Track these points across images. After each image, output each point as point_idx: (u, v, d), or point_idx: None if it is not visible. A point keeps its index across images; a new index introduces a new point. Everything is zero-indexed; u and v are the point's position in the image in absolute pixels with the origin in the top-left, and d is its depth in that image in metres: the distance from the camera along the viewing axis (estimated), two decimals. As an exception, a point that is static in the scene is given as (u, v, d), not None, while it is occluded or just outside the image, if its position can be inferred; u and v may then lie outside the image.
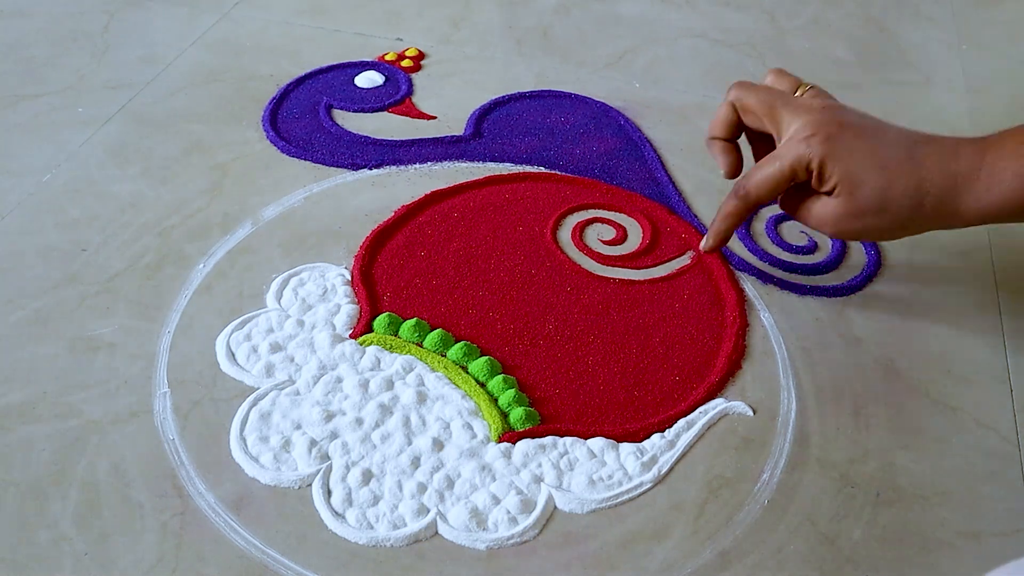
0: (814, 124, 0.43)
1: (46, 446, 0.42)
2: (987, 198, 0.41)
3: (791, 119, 0.44)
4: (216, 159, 0.59)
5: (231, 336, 0.47)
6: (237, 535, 0.39)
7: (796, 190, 0.45)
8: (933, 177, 0.41)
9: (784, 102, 0.44)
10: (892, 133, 0.43)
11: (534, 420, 0.43)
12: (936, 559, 0.39)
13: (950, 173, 0.41)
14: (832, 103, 0.45)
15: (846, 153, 0.42)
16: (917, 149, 0.42)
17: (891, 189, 0.42)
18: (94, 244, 0.52)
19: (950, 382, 0.46)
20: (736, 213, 0.47)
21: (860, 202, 0.42)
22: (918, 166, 0.41)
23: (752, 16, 0.77)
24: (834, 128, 0.42)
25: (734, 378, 0.46)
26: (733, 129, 0.47)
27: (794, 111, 0.44)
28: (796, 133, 0.43)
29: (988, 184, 0.41)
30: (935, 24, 0.77)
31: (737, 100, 0.46)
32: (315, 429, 0.43)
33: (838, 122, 0.43)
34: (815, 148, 0.42)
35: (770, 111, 0.45)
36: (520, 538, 0.39)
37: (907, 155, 0.42)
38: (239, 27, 0.73)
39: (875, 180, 0.42)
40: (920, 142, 0.42)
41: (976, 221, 0.42)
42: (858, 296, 0.51)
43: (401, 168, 0.59)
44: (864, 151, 0.42)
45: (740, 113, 0.47)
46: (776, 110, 0.44)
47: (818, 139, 0.42)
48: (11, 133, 0.61)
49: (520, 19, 0.76)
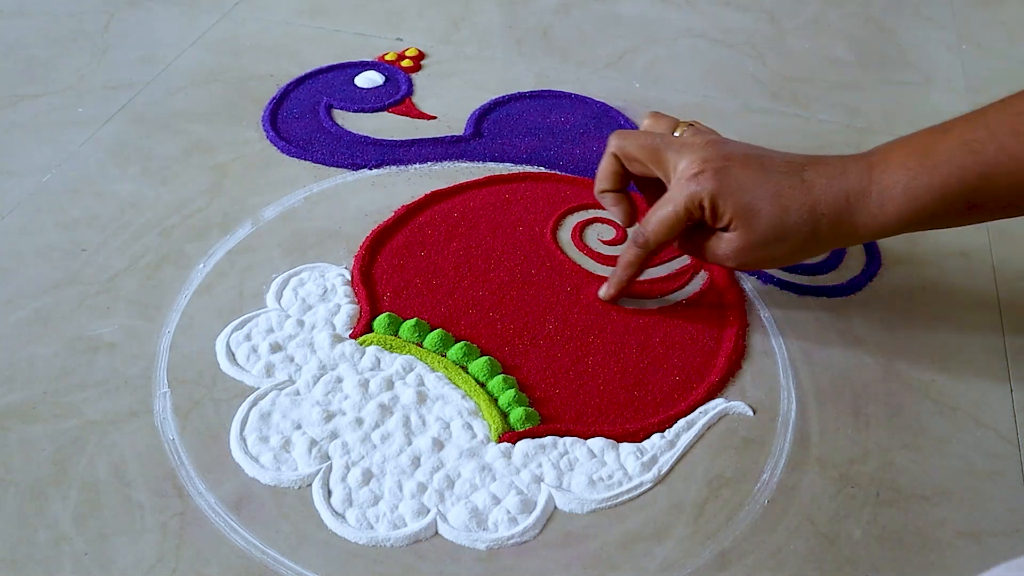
0: (700, 161, 0.43)
1: (46, 446, 0.42)
2: (881, 214, 0.41)
3: (676, 159, 0.44)
4: (216, 159, 0.59)
5: (231, 336, 0.47)
6: (237, 535, 0.39)
7: (693, 230, 0.45)
8: (826, 199, 0.41)
9: (666, 144, 0.44)
10: (779, 160, 0.43)
11: (534, 420, 0.43)
12: (936, 559, 0.39)
13: (841, 193, 0.41)
14: (714, 138, 0.45)
15: (736, 186, 0.42)
16: (806, 173, 0.42)
17: (786, 217, 0.42)
18: (94, 244, 0.52)
19: (950, 382, 0.46)
20: (637, 262, 0.47)
21: (758, 233, 0.42)
22: (809, 190, 0.42)
23: (752, 16, 0.77)
24: (720, 162, 0.42)
25: (734, 378, 0.46)
26: (619, 180, 0.47)
27: (678, 151, 0.44)
28: (683, 172, 0.43)
29: (880, 201, 0.41)
30: (935, 24, 0.77)
31: (618, 149, 0.46)
32: (315, 429, 0.43)
33: (724, 156, 0.43)
34: (704, 185, 0.42)
35: (653, 155, 0.45)
36: (520, 538, 0.39)
37: (797, 180, 0.42)
38: (239, 27, 0.73)
39: (769, 209, 0.42)
40: (808, 165, 0.42)
41: (875, 236, 0.42)
42: (858, 296, 0.51)
43: (401, 168, 0.59)
44: (754, 182, 0.42)
45: (624, 162, 0.46)
46: (660, 153, 0.44)
47: (707, 175, 0.42)
48: (11, 133, 0.61)
49: (520, 19, 0.76)
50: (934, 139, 0.41)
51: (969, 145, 0.39)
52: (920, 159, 0.40)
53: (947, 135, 0.40)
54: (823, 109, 0.66)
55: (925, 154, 0.40)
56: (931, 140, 0.41)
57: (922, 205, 0.40)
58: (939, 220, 0.41)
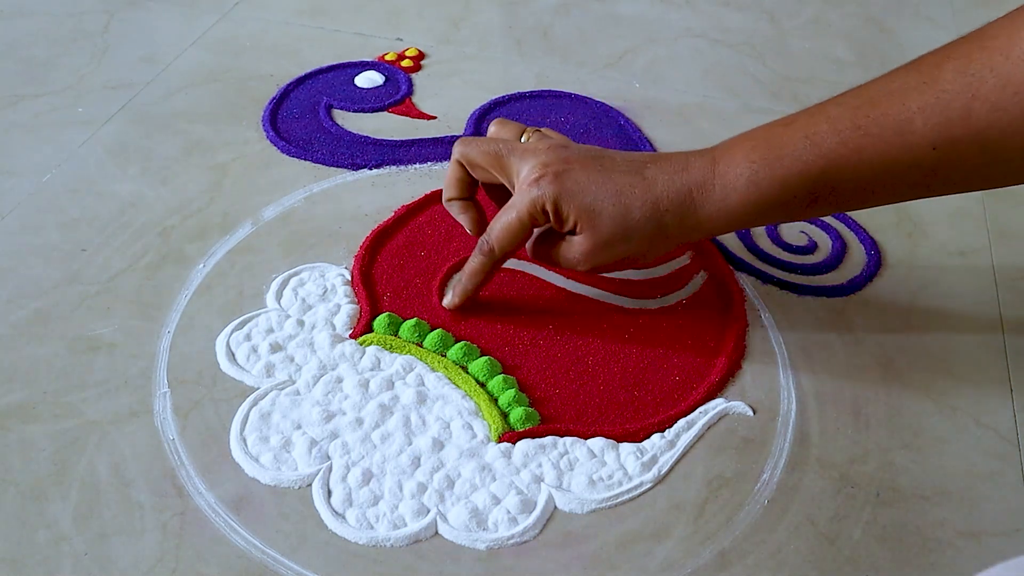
0: (541, 166, 0.43)
1: (46, 446, 0.42)
2: (724, 206, 0.41)
3: (519, 165, 0.44)
4: (216, 159, 0.59)
5: (231, 336, 0.47)
6: (237, 535, 0.39)
7: (543, 237, 0.45)
8: (668, 194, 0.42)
9: (509, 149, 0.44)
10: (620, 160, 0.43)
11: (534, 420, 0.43)
12: (936, 559, 0.39)
13: (683, 187, 0.42)
14: (556, 142, 0.45)
15: (577, 189, 0.42)
16: (647, 170, 0.42)
17: (629, 215, 0.42)
18: (94, 244, 0.52)
19: (950, 382, 0.46)
20: (483, 270, 0.46)
21: (603, 233, 0.42)
22: (651, 186, 0.42)
23: (752, 16, 0.77)
24: (561, 166, 0.43)
25: (734, 378, 0.46)
26: (466, 187, 0.47)
27: (521, 156, 0.44)
28: (525, 178, 0.43)
29: (723, 193, 0.41)
30: (935, 24, 0.77)
31: (462, 156, 0.46)
32: (315, 429, 0.43)
33: (564, 159, 0.43)
34: (546, 189, 0.42)
35: (496, 161, 0.45)
36: (520, 538, 0.39)
37: (639, 178, 0.42)
38: (239, 27, 0.73)
39: (611, 209, 0.42)
40: (649, 163, 0.43)
41: (722, 229, 0.43)
42: (858, 296, 0.51)
43: (401, 168, 0.59)
44: (595, 183, 0.42)
45: (469, 168, 0.46)
46: (503, 159, 0.44)
47: (547, 180, 0.42)
48: (11, 133, 0.61)
49: (520, 19, 0.76)
50: (778, 132, 0.41)
51: (811, 138, 0.40)
52: (763, 152, 0.41)
53: (789, 128, 0.41)
54: (823, 109, 0.66)
55: (768, 147, 0.41)
56: (774, 133, 0.41)
57: (765, 197, 0.41)
58: (784, 211, 0.42)
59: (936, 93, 0.37)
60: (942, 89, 0.37)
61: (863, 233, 0.55)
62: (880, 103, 0.39)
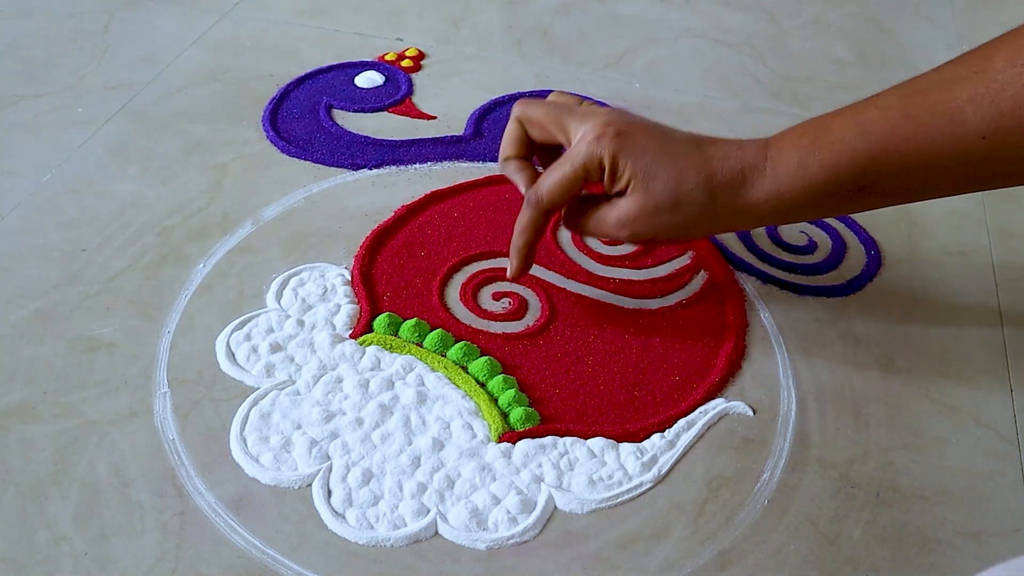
0: (603, 124, 0.43)
1: (46, 446, 0.42)
2: (775, 189, 0.41)
3: (579, 125, 0.44)
4: (216, 159, 0.59)
5: (231, 336, 0.47)
6: (237, 535, 0.39)
7: (581, 204, 0.45)
8: (722, 169, 0.42)
9: (570, 111, 0.45)
10: (680, 133, 0.44)
11: (534, 420, 0.43)
12: (936, 559, 0.39)
13: (738, 164, 0.42)
14: (617, 108, 0.45)
15: (637, 149, 0.42)
16: (704, 145, 0.43)
17: (684, 182, 0.42)
18: (94, 244, 0.52)
19: (950, 382, 0.46)
20: (532, 224, 0.46)
21: (655, 197, 0.42)
22: (707, 160, 0.42)
23: (752, 16, 0.77)
24: (623, 126, 0.43)
25: (734, 378, 0.46)
26: (523, 146, 0.47)
27: (581, 117, 0.44)
28: (585, 135, 0.43)
29: (774, 176, 0.41)
30: (935, 24, 0.77)
31: (522, 115, 0.46)
32: (315, 429, 0.43)
33: (626, 122, 0.43)
34: (606, 145, 0.42)
35: (556, 120, 0.45)
36: (520, 538, 0.39)
37: (696, 150, 0.42)
38: (239, 27, 0.73)
39: (668, 173, 0.42)
40: (705, 140, 0.43)
41: (770, 215, 0.43)
42: (858, 296, 0.51)
43: (401, 168, 0.59)
44: (655, 148, 0.42)
45: (527, 127, 0.46)
46: (563, 119, 0.45)
47: (608, 136, 0.42)
48: (11, 133, 0.61)
49: (520, 19, 0.76)
50: (828, 119, 0.41)
51: (861, 125, 0.40)
52: (813, 137, 0.41)
53: (840, 116, 0.41)
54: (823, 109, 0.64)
55: (818, 133, 0.41)
56: (824, 120, 0.42)
57: (813, 181, 0.41)
58: (832, 201, 0.42)
59: (986, 83, 0.37)
60: (992, 79, 0.37)
61: (863, 233, 0.55)
62: (930, 92, 0.39)
